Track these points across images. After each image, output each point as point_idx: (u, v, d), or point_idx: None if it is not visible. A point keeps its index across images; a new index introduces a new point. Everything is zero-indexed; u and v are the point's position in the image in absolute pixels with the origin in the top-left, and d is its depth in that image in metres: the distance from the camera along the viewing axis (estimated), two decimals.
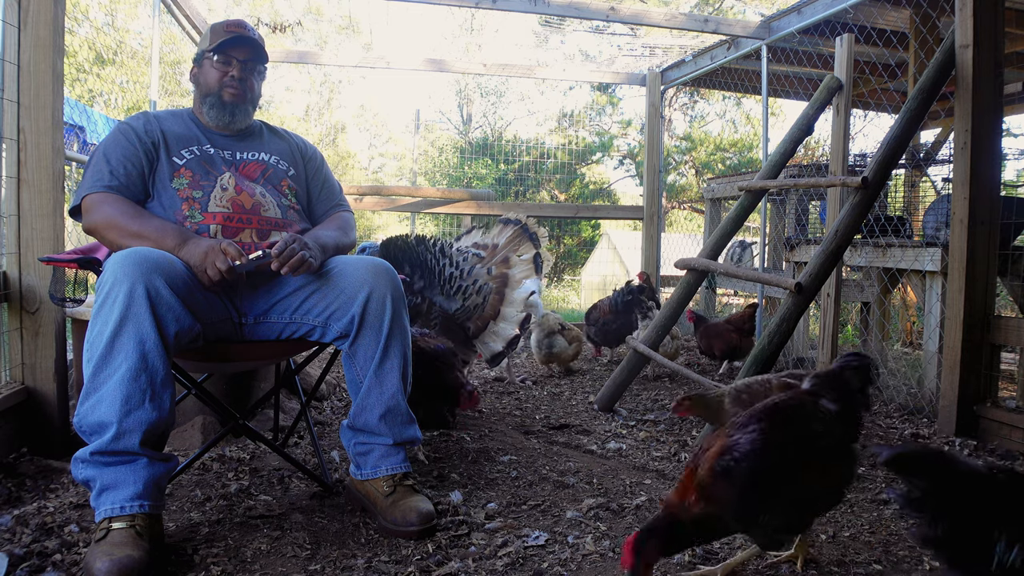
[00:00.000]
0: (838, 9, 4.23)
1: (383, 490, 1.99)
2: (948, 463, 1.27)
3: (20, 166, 2.43)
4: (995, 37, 3.03)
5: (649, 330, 3.68)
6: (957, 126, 3.08)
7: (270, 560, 1.75)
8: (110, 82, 12.91)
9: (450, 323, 3.13)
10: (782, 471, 1.52)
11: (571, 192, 14.50)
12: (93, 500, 1.68)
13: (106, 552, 1.56)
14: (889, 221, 4.06)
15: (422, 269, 3.20)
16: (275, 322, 2.05)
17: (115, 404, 1.66)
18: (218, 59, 2.18)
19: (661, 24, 5.63)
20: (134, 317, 1.68)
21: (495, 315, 3.13)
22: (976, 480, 1.23)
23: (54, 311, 2.47)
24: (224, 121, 2.21)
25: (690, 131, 15.75)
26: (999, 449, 2.84)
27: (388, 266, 2.06)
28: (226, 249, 1.85)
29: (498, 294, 3.14)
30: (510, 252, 3.26)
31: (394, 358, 2.01)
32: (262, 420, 2.88)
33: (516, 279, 3.20)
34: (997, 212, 3.06)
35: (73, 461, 1.70)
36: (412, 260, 3.21)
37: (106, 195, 1.98)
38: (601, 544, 1.90)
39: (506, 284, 3.17)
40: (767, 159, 3.86)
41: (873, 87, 5.86)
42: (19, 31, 2.42)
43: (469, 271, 3.18)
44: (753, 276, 3.93)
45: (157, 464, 1.72)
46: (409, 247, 3.27)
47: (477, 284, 3.13)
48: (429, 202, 6.27)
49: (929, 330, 3.65)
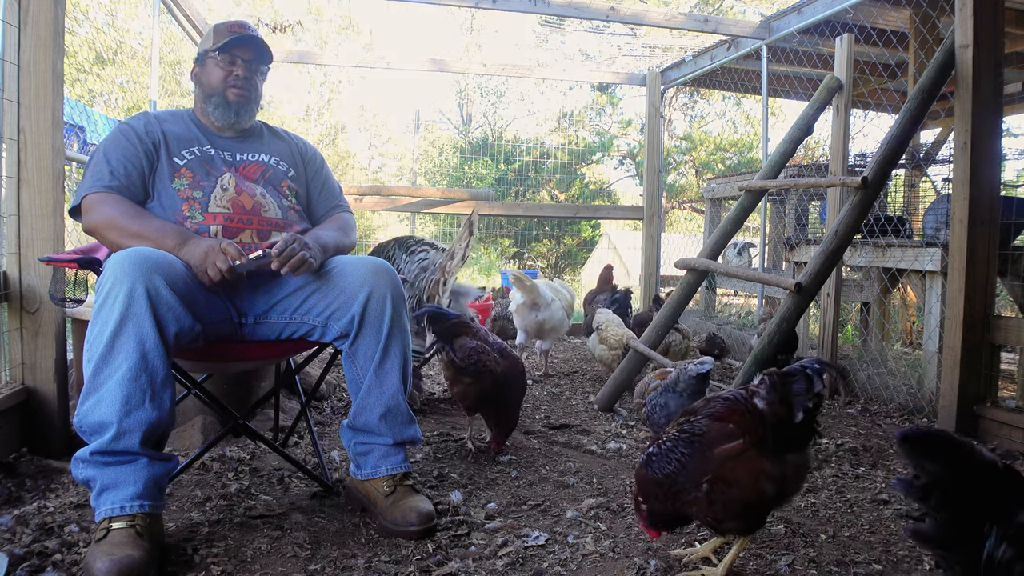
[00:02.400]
0: (838, 9, 4.23)
1: (383, 490, 1.99)
2: (968, 451, 1.20)
3: (20, 166, 2.43)
4: (995, 37, 3.03)
5: (649, 330, 3.68)
6: (957, 126, 3.08)
7: (270, 560, 1.75)
8: (110, 82, 12.91)
9: None
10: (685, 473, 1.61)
11: (571, 192, 14.49)
12: (93, 500, 1.68)
13: (106, 552, 1.56)
14: (889, 221, 4.06)
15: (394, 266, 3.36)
16: (275, 322, 2.05)
17: (115, 404, 1.66)
18: (222, 58, 2.18)
19: (661, 24, 5.63)
20: (134, 317, 1.68)
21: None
22: (988, 472, 1.18)
23: (54, 311, 2.47)
24: (229, 121, 2.21)
25: (690, 131, 15.74)
26: (999, 449, 2.84)
27: (388, 266, 2.06)
28: (226, 249, 1.85)
29: (436, 284, 3.22)
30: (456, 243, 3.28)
31: (394, 358, 2.01)
32: (262, 420, 2.88)
33: (451, 268, 3.22)
34: (997, 212, 3.06)
35: (73, 461, 1.70)
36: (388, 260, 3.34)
37: (106, 195, 1.98)
38: (601, 544, 1.90)
39: (444, 272, 3.22)
40: (767, 159, 3.87)
41: (873, 87, 5.87)
42: (19, 31, 2.42)
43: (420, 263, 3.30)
44: (753, 276, 3.93)
45: (157, 464, 1.72)
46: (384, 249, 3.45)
47: (424, 274, 3.24)
48: (429, 202, 6.27)
49: (929, 330, 3.65)
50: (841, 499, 2.29)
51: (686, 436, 1.65)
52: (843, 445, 2.89)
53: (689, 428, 1.66)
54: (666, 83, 6.33)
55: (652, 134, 6.30)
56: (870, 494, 2.33)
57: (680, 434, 1.66)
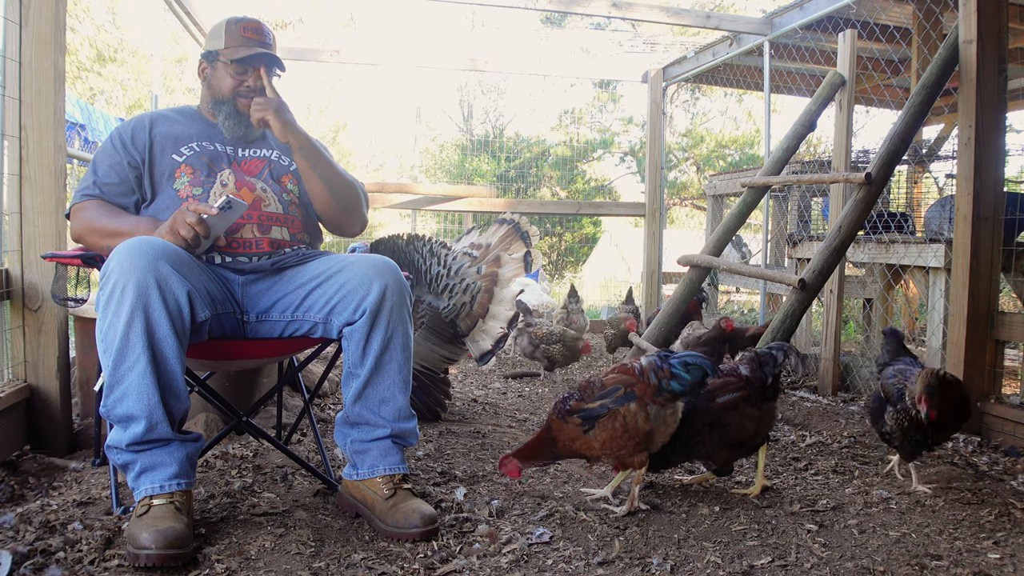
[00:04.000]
0: (840, 5, 4.21)
1: (382, 493, 1.95)
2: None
3: (22, 163, 2.43)
4: (999, 33, 3.02)
5: (651, 327, 3.67)
6: (961, 122, 3.08)
7: (274, 557, 1.75)
8: (111, 80, 12.90)
9: (437, 321, 3.18)
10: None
11: (572, 188, 14.49)
12: (132, 481, 1.79)
13: (150, 525, 1.67)
14: (892, 218, 4.05)
15: (410, 268, 3.26)
16: (277, 320, 2.05)
17: (142, 399, 1.74)
18: (235, 68, 2.16)
19: (663, 20, 5.61)
20: (146, 308, 1.72)
21: (484, 314, 3.16)
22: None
23: (56, 308, 2.47)
24: (239, 132, 2.22)
25: (692, 128, 15.71)
26: (1003, 445, 2.83)
27: (390, 261, 2.04)
28: (189, 207, 1.91)
29: (487, 293, 3.16)
30: (502, 251, 3.28)
31: (394, 351, 1.99)
32: (265, 417, 2.87)
33: (505, 278, 3.22)
34: (1001, 208, 3.05)
35: (107, 448, 1.80)
36: (401, 259, 3.25)
37: (87, 202, 2.10)
38: (607, 541, 1.90)
39: (495, 283, 3.19)
40: (769, 155, 3.86)
41: (876, 83, 5.84)
42: (20, 28, 2.41)
43: (457, 270, 3.22)
44: (756, 272, 3.93)
45: (188, 444, 1.84)
46: (398, 247, 3.32)
47: (464, 283, 3.17)
48: (430, 199, 6.26)
49: (933, 326, 3.64)
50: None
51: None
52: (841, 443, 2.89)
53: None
54: (668, 80, 6.31)
55: (654, 131, 6.29)
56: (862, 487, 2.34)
57: None
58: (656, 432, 2.07)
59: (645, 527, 2.01)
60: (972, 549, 1.89)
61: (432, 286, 3.24)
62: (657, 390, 2.05)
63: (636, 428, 2.04)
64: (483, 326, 3.17)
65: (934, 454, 2.72)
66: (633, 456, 2.09)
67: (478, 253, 3.31)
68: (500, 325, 3.16)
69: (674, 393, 2.07)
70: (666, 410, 2.07)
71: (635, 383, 2.07)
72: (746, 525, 2.03)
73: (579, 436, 2.06)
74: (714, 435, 2.19)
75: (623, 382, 2.08)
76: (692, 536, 1.95)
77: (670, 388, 2.06)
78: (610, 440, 2.04)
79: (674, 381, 2.06)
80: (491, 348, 3.16)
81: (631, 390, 2.06)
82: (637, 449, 2.07)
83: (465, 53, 18.63)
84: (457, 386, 3.97)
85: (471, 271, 3.22)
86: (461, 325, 3.15)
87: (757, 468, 2.34)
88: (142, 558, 1.64)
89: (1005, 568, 1.78)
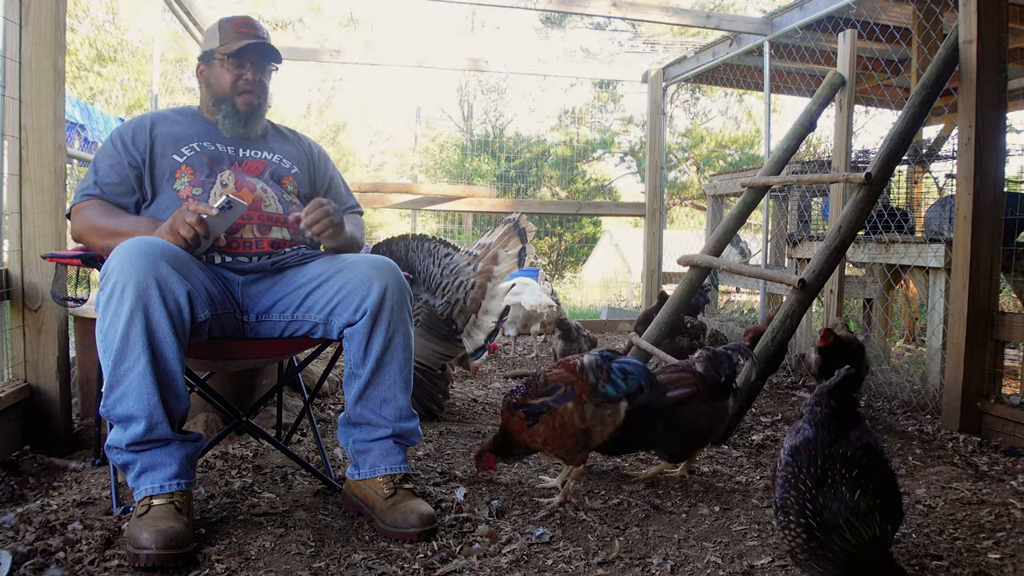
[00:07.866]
0: (840, 5, 4.21)
1: (383, 492, 1.95)
2: None
3: (22, 163, 2.42)
4: (999, 33, 3.02)
5: (652, 327, 3.67)
6: (961, 122, 3.08)
7: (274, 557, 1.75)
8: (111, 80, 12.90)
9: (433, 319, 3.25)
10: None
11: (572, 188, 14.49)
12: (132, 481, 1.79)
13: (150, 525, 1.68)
14: (892, 215, 4.04)
15: (408, 268, 3.36)
16: (277, 320, 2.05)
17: (141, 399, 1.73)
18: (231, 62, 2.17)
19: (663, 20, 5.61)
20: (146, 309, 1.71)
21: (476, 309, 3.26)
22: None
23: (56, 308, 2.46)
24: (239, 131, 2.23)
25: (692, 128, 15.72)
26: (1003, 445, 2.83)
27: (390, 261, 2.05)
28: (189, 207, 1.91)
29: (480, 288, 3.27)
30: (499, 248, 3.40)
31: (395, 351, 1.99)
32: (265, 417, 2.87)
33: (499, 274, 3.33)
34: (1001, 208, 3.05)
35: (107, 448, 1.80)
36: (399, 260, 3.34)
37: (87, 202, 2.09)
38: (606, 541, 1.90)
39: (489, 279, 3.29)
40: (770, 155, 3.86)
41: (876, 83, 5.84)
42: (20, 27, 2.41)
43: (452, 269, 3.31)
44: (756, 272, 3.93)
45: (188, 444, 1.84)
46: (397, 248, 3.43)
47: (457, 280, 3.27)
48: (430, 199, 6.26)
49: (933, 326, 3.64)
50: None
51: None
52: None
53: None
54: (668, 80, 6.31)
55: (654, 131, 6.29)
56: None
57: None
58: (593, 431, 2.06)
59: (645, 527, 2.01)
60: (972, 549, 1.89)
61: (428, 284, 3.34)
62: (594, 389, 2.06)
63: (573, 427, 2.04)
64: (477, 321, 3.27)
65: (934, 454, 2.72)
66: (574, 455, 2.10)
67: (480, 252, 3.40)
68: (492, 319, 3.28)
69: (608, 396, 2.06)
70: (604, 410, 2.06)
71: (575, 381, 2.07)
72: (746, 525, 2.03)
73: (525, 430, 2.09)
74: (665, 428, 2.26)
75: (564, 379, 2.08)
76: (692, 536, 1.95)
77: (604, 391, 2.06)
78: (552, 437, 2.06)
79: (609, 385, 2.06)
80: (483, 343, 3.27)
81: (570, 388, 2.06)
82: (577, 447, 2.07)
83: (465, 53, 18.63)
84: (457, 386, 3.97)
85: (467, 269, 3.30)
86: (457, 321, 3.22)
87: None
88: (142, 558, 1.64)
89: (1005, 568, 1.78)
